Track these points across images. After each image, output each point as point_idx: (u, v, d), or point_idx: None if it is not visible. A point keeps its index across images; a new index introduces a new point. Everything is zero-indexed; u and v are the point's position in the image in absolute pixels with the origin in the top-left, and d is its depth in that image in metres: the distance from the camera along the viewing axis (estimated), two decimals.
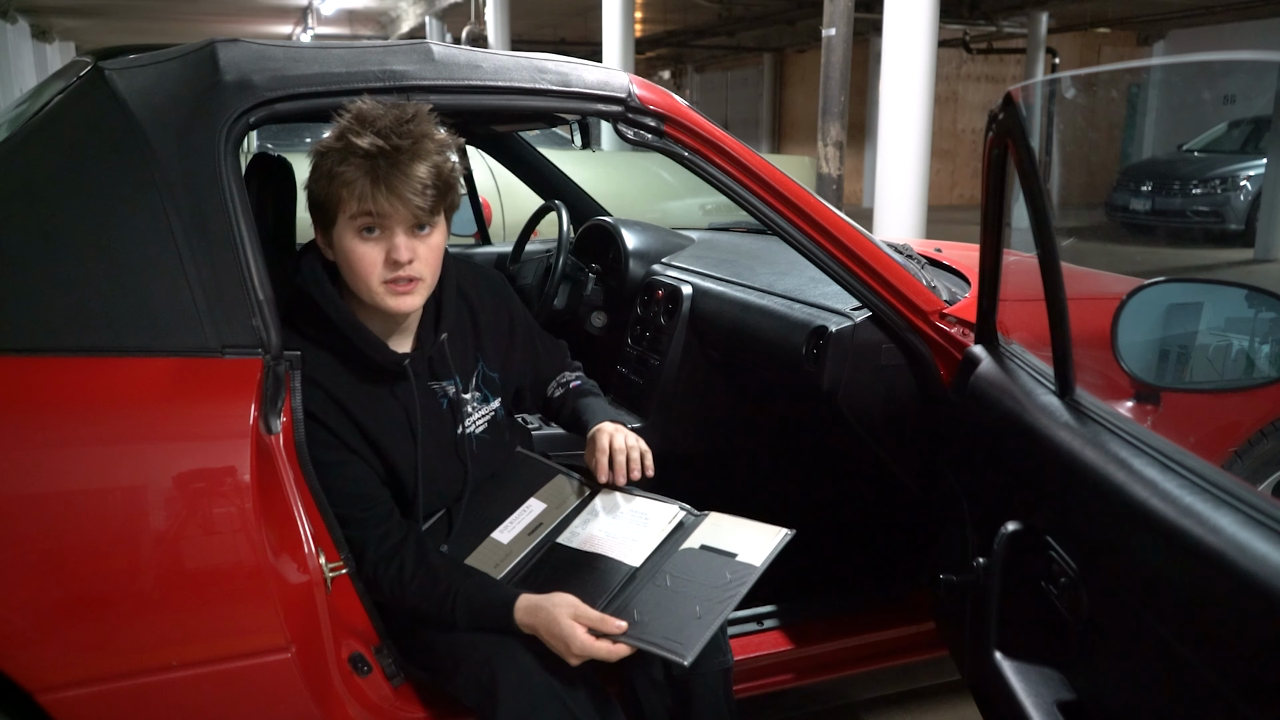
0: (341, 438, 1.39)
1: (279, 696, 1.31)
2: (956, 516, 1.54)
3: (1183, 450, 1.06)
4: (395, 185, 1.28)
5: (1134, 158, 13.94)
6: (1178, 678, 0.97)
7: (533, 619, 1.34)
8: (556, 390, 1.72)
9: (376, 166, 1.28)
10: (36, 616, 1.17)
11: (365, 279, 1.33)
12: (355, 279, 1.35)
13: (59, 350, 1.21)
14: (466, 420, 1.52)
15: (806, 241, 1.64)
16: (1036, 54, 13.37)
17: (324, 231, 1.36)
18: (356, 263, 1.33)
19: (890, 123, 5.85)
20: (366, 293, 1.35)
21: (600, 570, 1.45)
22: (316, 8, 16.21)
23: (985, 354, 1.56)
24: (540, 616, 1.33)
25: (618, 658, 1.31)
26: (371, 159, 1.28)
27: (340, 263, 1.36)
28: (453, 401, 1.50)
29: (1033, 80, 1.51)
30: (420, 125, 1.32)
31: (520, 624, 1.35)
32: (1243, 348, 1.51)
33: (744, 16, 14.66)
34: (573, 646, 1.30)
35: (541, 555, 1.50)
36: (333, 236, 1.34)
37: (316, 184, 1.32)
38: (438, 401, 1.49)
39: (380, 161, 1.28)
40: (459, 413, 1.51)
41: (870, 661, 1.82)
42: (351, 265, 1.34)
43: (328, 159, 1.30)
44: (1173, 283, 1.53)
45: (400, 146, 1.29)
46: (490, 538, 1.51)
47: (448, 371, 1.49)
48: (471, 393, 1.53)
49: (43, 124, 1.31)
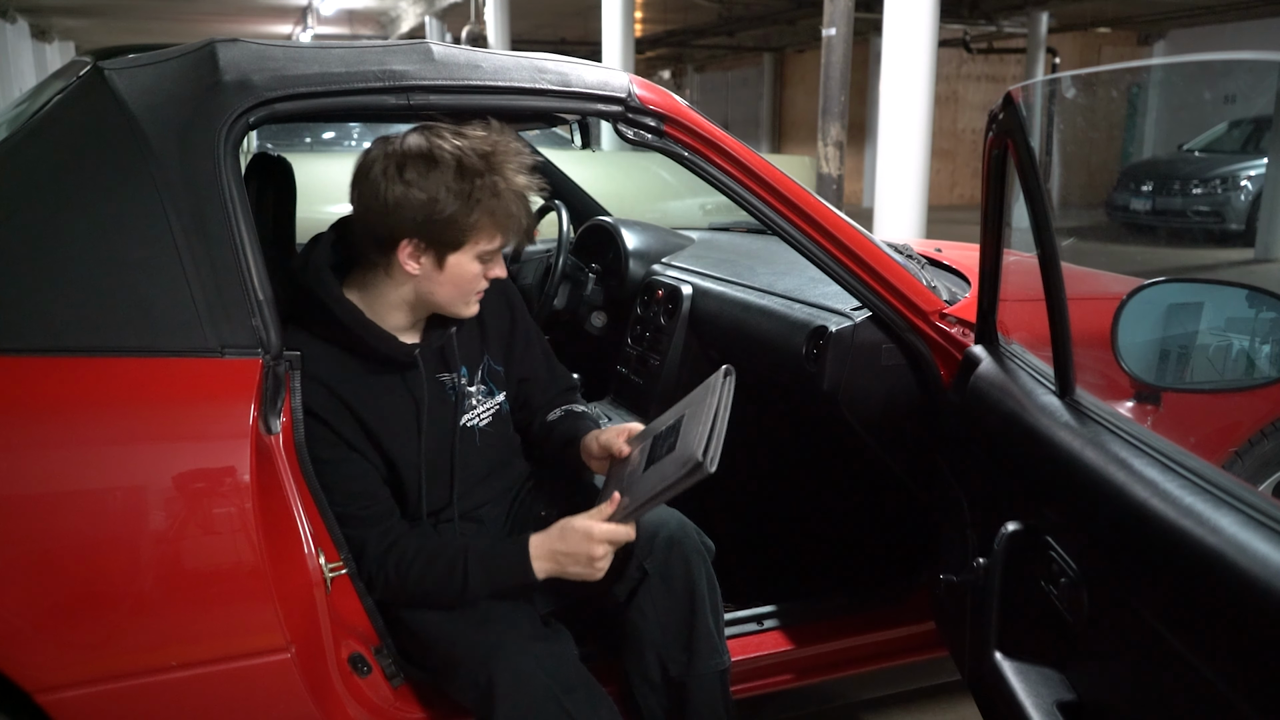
0: (343, 435, 1.39)
1: (278, 697, 1.31)
2: (956, 516, 1.54)
3: (1183, 450, 1.06)
4: (514, 221, 1.37)
5: (1134, 157, 13.94)
6: (1178, 678, 0.97)
7: (548, 542, 1.37)
8: (556, 413, 1.66)
9: (522, 205, 1.37)
10: (36, 616, 1.17)
11: (465, 295, 1.41)
12: (453, 295, 1.40)
13: (59, 350, 1.21)
14: (470, 412, 1.52)
15: (806, 241, 1.63)
16: (1037, 54, 13.37)
17: (436, 251, 1.35)
18: (465, 282, 1.39)
19: (890, 123, 5.85)
20: (448, 305, 1.41)
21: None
22: (316, 8, 16.21)
23: (985, 354, 1.56)
24: (552, 534, 1.38)
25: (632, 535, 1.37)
26: (524, 201, 1.37)
27: (434, 280, 1.38)
28: (458, 393, 1.51)
29: (1033, 80, 1.51)
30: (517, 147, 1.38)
31: (535, 556, 1.37)
32: (1243, 348, 1.51)
33: (744, 16, 14.66)
34: (595, 534, 1.35)
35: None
36: (446, 256, 1.36)
37: (451, 206, 1.31)
38: (446, 393, 1.50)
39: (523, 202, 1.37)
40: (462, 404, 1.51)
41: (870, 661, 1.82)
42: (458, 283, 1.39)
43: (480, 189, 1.32)
44: (1173, 283, 1.53)
45: (520, 183, 1.36)
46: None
47: (455, 363, 1.50)
48: (477, 385, 1.54)
49: (42, 124, 1.31)
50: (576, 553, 1.36)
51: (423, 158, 1.31)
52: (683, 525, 1.53)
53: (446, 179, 1.31)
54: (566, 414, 1.64)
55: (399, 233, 1.34)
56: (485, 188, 1.32)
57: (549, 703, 1.33)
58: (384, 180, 1.31)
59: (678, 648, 1.49)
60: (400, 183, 1.31)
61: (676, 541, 1.49)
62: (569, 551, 1.36)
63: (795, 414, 2.15)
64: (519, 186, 1.35)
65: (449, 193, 1.31)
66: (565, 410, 1.65)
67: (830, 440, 2.07)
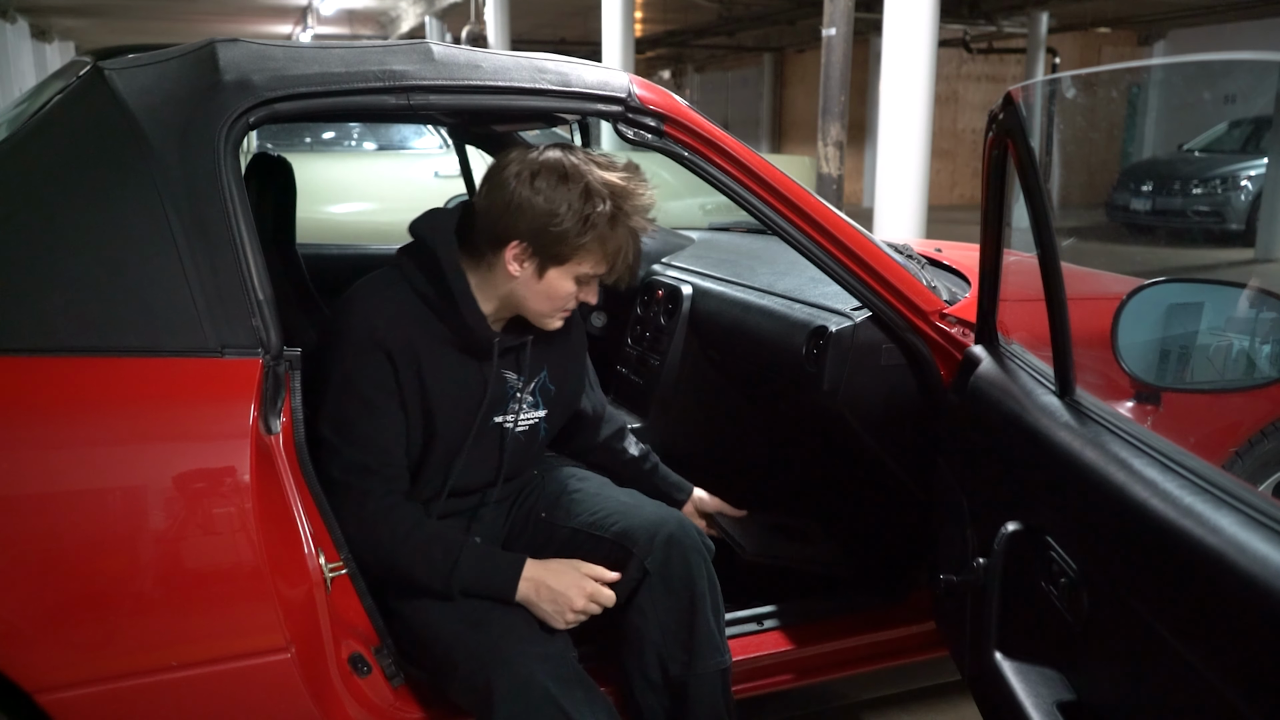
0: (401, 383, 1.43)
1: (278, 697, 1.31)
2: (956, 516, 1.54)
3: (1183, 451, 1.06)
4: (624, 257, 1.44)
5: (1134, 157, 13.94)
6: (1178, 678, 0.97)
7: (541, 571, 1.44)
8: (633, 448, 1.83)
9: (633, 244, 1.44)
10: (36, 616, 1.17)
11: (553, 308, 1.47)
12: (541, 305, 1.46)
13: (59, 350, 1.21)
14: (513, 415, 1.55)
15: (806, 241, 1.63)
16: (1037, 54, 13.37)
17: (541, 260, 1.41)
18: (558, 297, 1.45)
19: (890, 123, 5.85)
20: (536, 314, 1.47)
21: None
22: (316, 8, 16.21)
23: (985, 354, 1.56)
24: (551, 566, 1.45)
25: (612, 601, 1.46)
26: (635, 239, 1.44)
27: (532, 287, 1.44)
28: (513, 394, 1.54)
29: (1033, 80, 1.51)
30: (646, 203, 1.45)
31: (524, 576, 1.43)
32: (1243, 348, 1.51)
33: (744, 16, 14.65)
34: (587, 589, 1.43)
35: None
36: (549, 268, 1.41)
37: (568, 222, 1.38)
38: (506, 390, 1.53)
39: (634, 242, 1.44)
40: (509, 405, 1.54)
41: (870, 661, 1.82)
42: (551, 297, 1.45)
43: (599, 216, 1.39)
44: (1173, 283, 1.53)
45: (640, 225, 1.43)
46: None
47: (521, 367, 1.54)
48: (526, 395, 1.57)
49: (42, 124, 1.31)
50: (561, 594, 1.43)
51: (556, 171, 1.38)
52: (682, 524, 1.53)
53: (571, 196, 1.38)
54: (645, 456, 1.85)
55: (513, 233, 1.40)
56: (604, 215, 1.39)
57: (547, 704, 1.32)
58: (515, 181, 1.38)
59: (678, 647, 1.49)
60: (529, 188, 1.38)
61: (676, 540, 1.49)
62: (555, 589, 1.43)
63: (795, 414, 2.15)
64: (635, 226, 1.43)
65: (569, 209, 1.38)
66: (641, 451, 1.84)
67: (830, 440, 2.07)
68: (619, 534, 1.52)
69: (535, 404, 1.59)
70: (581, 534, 1.56)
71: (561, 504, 1.62)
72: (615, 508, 1.57)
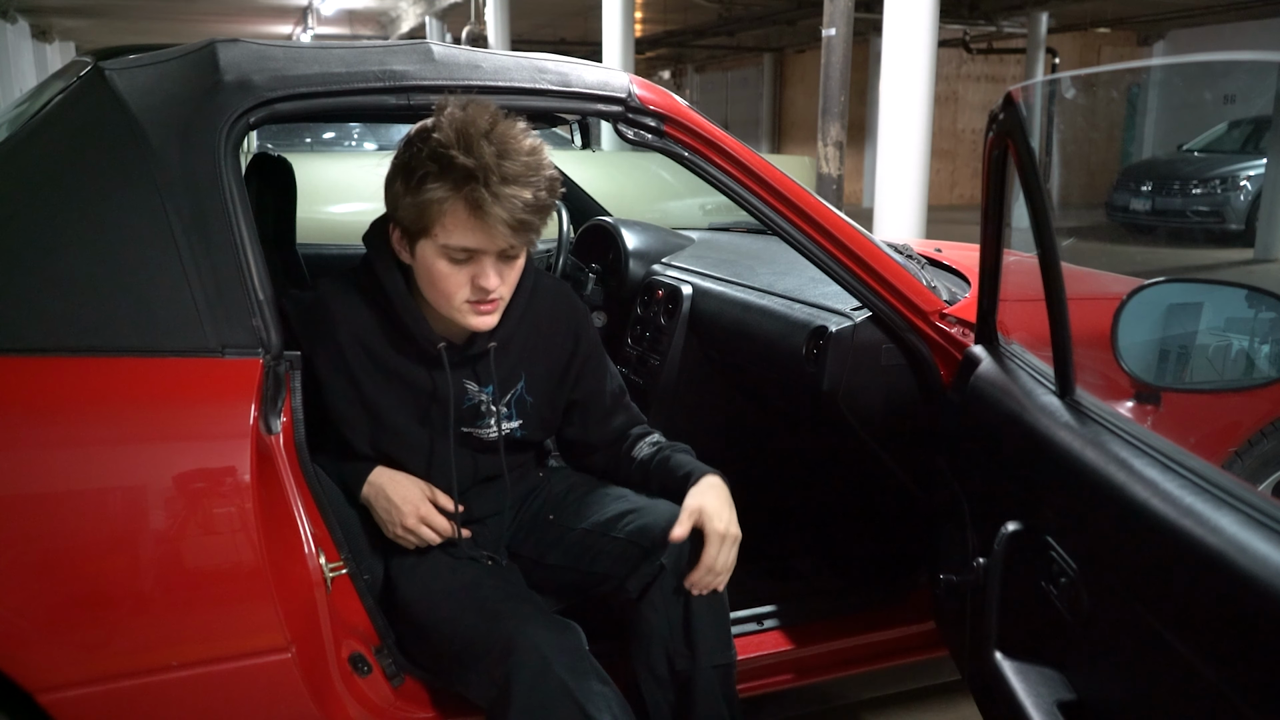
0: (353, 373, 1.43)
1: (279, 697, 1.31)
2: (956, 516, 1.54)
3: (1183, 450, 1.06)
4: (492, 220, 1.23)
5: (1134, 158, 13.95)
6: (1178, 678, 0.97)
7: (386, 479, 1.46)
8: (645, 449, 1.60)
9: (477, 196, 1.22)
10: (36, 616, 1.17)
11: (447, 299, 1.34)
12: (435, 295, 1.36)
13: (59, 350, 1.21)
14: (484, 429, 1.52)
15: (806, 241, 1.63)
16: (1036, 54, 13.37)
17: (408, 240, 1.34)
18: (440, 282, 1.33)
19: (890, 123, 5.85)
20: (446, 309, 1.37)
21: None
22: (316, 8, 16.21)
23: (985, 354, 1.56)
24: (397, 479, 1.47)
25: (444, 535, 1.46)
26: (472, 184, 1.21)
27: (420, 274, 1.36)
28: (479, 406, 1.51)
29: (1033, 80, 1.51)
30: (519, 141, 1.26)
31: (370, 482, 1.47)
32: (1243, 348, 1.51)
33: (744, 16, 14.66)
34: (421, 511, 1.45)
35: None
36: (416, 249, 1.34)
37: (403, 195, 1.29)
38: (468, 400, 1.50)
39: (481, 191, 1.21)
40: (477, 417, 1.51)
41: (870, 661, 1.82)
42: (434, 283, 1.34)
43: (417, 172, 1.26)
44: (1173, 283, 1.53)
45: (507, 175, 1.23)
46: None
47: (488, 377, 1.49)
48: (499, 407, 1.53)
49: (43, 124, 1.31)
50: (396, 506, 1.45)
51: (409, 138, 1.31)
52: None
53: (408, 155, 1.29)
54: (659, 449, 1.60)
55: (390, 213, 1.36)
56: (424, 167, 1.25)
57: (564, 698, 1.32)
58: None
59: (684, 642, 1.49)
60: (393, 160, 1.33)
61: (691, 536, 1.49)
62: (392, 499, 1.46)
63: (795, 414, 2.15)
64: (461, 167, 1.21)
65: (398, 168, 1.30)
66: (654, 447, 1.60)
67: (830, 440, 2.07)
68: (634, 533, 1.50)
69: (509, 415, 1.54)
70: (594, 534, 1.55)
71: (569, 506, 1.61)
72: (627, 507, 1.56)
